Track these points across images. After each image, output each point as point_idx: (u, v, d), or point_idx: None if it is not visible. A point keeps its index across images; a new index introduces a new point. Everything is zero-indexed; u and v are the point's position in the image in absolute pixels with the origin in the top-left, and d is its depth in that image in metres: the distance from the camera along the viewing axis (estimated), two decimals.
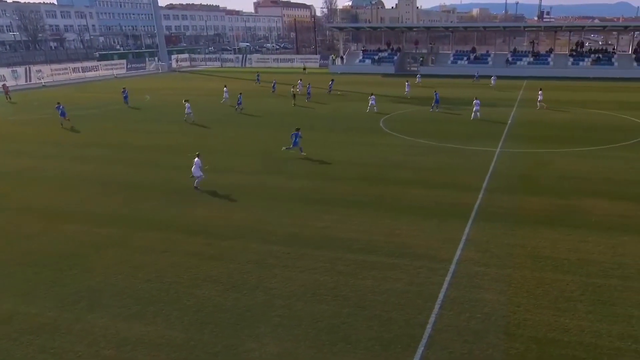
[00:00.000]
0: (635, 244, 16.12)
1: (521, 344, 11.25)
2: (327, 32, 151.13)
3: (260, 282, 14.17)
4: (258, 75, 67.47)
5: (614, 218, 18.37)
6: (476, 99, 38.18)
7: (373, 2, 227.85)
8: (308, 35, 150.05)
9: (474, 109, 37.83)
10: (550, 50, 79.98)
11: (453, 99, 47.44)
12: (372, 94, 42.04)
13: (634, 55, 74.40)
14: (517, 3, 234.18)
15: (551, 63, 75.95)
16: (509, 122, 37.19)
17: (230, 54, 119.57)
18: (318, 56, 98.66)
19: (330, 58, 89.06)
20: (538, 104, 42.27)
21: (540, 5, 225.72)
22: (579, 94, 52.71)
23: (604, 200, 20.21)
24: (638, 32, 77.82)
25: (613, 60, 74.04)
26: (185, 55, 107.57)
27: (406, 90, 51.02)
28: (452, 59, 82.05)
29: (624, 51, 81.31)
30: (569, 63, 75.08)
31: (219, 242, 16.84)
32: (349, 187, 22.53)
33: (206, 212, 19.67)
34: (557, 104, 44.65)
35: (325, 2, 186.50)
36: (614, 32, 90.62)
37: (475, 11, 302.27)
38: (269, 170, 25.56)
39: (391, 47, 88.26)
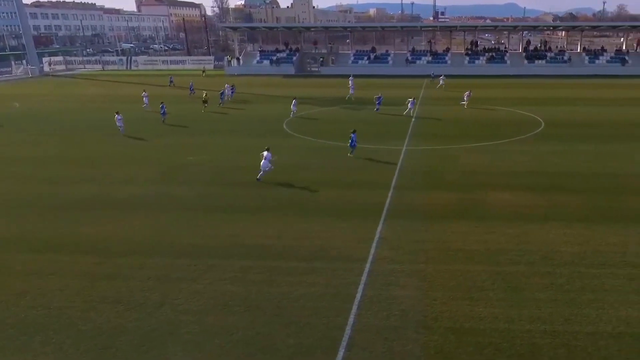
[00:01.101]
0: (538, 231, 18.00)
1: (439, 335, 12.03)
2: (220, 32, 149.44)
3: (165, 298, 13.62)
4: (171, 79, 65.05)
5: (517, 208, 20.34)
6: (413, 98, 41.73)
7: (267, 2, 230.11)
8: (199, 36, 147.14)
9: (409, 107, 41.03)
10: (447, 50, 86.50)
11: (361, 99, 49.33)
12: (295, 98, 41.98)
13: (524, 54, 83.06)
14: (412, 3, 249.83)
15: (449, 62, 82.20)
16: (413, 120, 39.54)
17: (113, 55, 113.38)
18: (212, 57, 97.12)
19: (226, 59, 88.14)
20: (464, 102, 45.79)
21: (435, 6, 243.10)
22: (478, 91, 57.48)
23: (507, 192, 22.32)
24: (526, 32, 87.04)
25: (506, 58, 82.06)
26: (60, 58, 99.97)
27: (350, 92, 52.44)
28: (352, 59, 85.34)
29: (515, 50, 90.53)
30: (466, 61, 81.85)
31: (114, 259, 15.91)
32: (256, 191, 22.49)
33: (96, 228, 18.48)
34: (458, 101, 48.34)
35: (216, 1, 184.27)
36: (505, 32, 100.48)
37: (372, 11, 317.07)
38: (169, 179, 24.70)
39: (289, 47, 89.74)
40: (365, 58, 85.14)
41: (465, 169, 25.87)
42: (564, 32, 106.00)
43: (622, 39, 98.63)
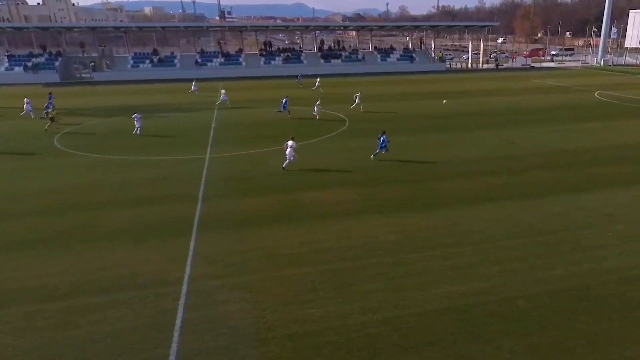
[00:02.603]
0: (358, 225, 19.81)
1: (276, 345, 12.39)
2: None
3: None
4: None
5: (335, 205, 22.08)
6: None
7: None
8: None
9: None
10: (240, 51, 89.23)
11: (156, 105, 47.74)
12: (136, 113, 37.84)
13: (319, 53, 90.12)
14: (194, 2, 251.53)
15: (243, 63, 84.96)
16: (214, 125, 39.80)
17: None
18: None
19: None
20: (356, 103, 47.32)
21: (219, 5, 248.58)
22: (275, 92, 60.56)
23: (323, 190, 24.07)
24: (319, 32, 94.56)
25: (302, 58, 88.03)
26: None
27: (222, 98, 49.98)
28: (131, 62, 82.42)
29: (310, 49, 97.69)
30: (261, 62, 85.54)
31: None
32: (30, 222, 20.22)
33: None
34: (253, 102, 50.31)
35: None
36: (298, 32, 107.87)
37: (148, 10, 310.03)
38: None
39: (48, 51, 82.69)
40: (148, 61, 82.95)
41: (278, 172, 27.04)
42: (354, 32, 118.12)
43: (407, 38, 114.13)
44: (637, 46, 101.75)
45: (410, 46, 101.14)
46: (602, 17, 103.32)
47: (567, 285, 15.26)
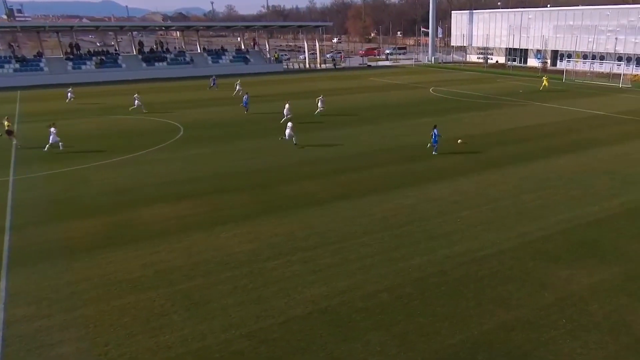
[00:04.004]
0: (207, 239, 19.77)
1: None
2: None
3: None
4: None
5: (179, 220, 21.75)
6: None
7: None
8: None
9: None
10: (40, 54, 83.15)
11: None
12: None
13: (140, 56, 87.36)
14: None
15: (45, 69, 79.33)
16: (15, 142, 36.57)
17: None
18: None
19: None
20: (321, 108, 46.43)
21: (5, 2, 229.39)
22: (90, 99, 57.92)
23: (164, 205, 23.56)
24: (136, 32, 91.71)
25: (120, 61, 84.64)
26: None
27: None
28: None
29: (128, 52, 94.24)
30: (69, 67, 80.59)
31: None
32: None
33: None
34: (75, 113, 47.47)
35: None
36: (111, 33, 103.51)
37: None
38: None
39: None
40: None
41: (106, 189, 25.89)
42: (178, 33, 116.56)
43: (239, 39, 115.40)
44: (462, 45, 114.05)
45: (243, 47, 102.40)
46: (429, 18, 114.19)
47: (425, 273, 16.94)
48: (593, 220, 21.38)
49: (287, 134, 34.65)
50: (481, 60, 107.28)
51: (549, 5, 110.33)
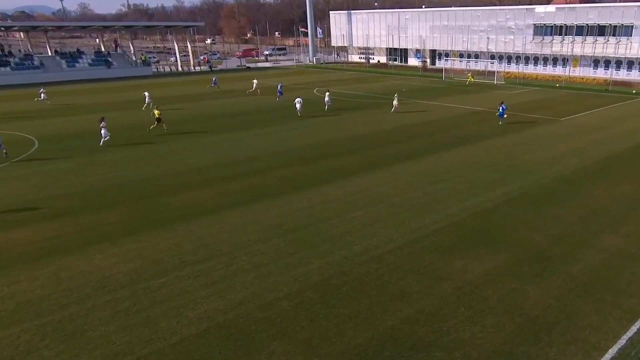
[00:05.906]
0: (78, 262, 18.48)
1: None
2: None
3: None
4: None
5: (42, 243, 20.16)
6: None
7: None
8: None
9: None
10: None
11: None
12: None
13: None
14: None
15: None
16: None
17: None
18: None
19: None
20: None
21: None
22: None
23: (23, 228, 21.66)
24: None
25: None
26: None
27: None
28: None
29: None
30: None
31: None
32: None
33: None
34: None
35: None
36: None
37: None
38: None
39: None
40: None
41: None
42: (22, 33, 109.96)
43: (97, 40, 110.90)
44: (343, 45, 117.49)
45: (103, 49, 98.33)
46: (307, 18, 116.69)
47: (325, 276, 17.24)
48: (480, 210, 23.29)
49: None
50: (363, 60, 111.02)
51: (424, 6, 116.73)
